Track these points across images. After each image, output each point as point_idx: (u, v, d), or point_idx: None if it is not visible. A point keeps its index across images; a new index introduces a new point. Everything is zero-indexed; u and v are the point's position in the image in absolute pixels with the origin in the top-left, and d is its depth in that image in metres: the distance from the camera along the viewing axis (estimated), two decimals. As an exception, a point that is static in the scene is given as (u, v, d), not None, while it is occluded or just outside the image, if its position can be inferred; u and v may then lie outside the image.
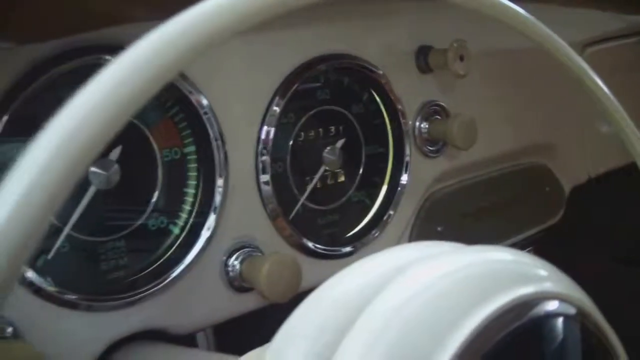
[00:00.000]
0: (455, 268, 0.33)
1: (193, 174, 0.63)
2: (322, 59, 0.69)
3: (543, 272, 0.35)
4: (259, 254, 0.65)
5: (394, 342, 0.30)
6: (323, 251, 0.70)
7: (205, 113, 0.61)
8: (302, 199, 0.70)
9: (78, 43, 0.56)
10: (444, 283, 0.32)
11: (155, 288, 0.61)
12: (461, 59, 0.75)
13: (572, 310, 0.34)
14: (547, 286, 0.34)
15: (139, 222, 0.61)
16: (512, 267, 0.34)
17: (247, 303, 0.66)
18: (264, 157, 0.66)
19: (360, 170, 0.75)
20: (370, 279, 0.34)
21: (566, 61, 0.40)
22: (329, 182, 0.73)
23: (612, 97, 0.42)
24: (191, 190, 0.63)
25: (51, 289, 0.56)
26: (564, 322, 0.33)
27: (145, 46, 0.27)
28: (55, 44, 0.56)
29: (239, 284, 0.64)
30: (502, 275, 0.33)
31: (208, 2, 0.28)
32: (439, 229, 0.82)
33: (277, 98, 0.66)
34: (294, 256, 0.63)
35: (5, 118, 0.53)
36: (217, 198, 0.63)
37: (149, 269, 0.62)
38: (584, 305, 0.35)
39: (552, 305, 0.33)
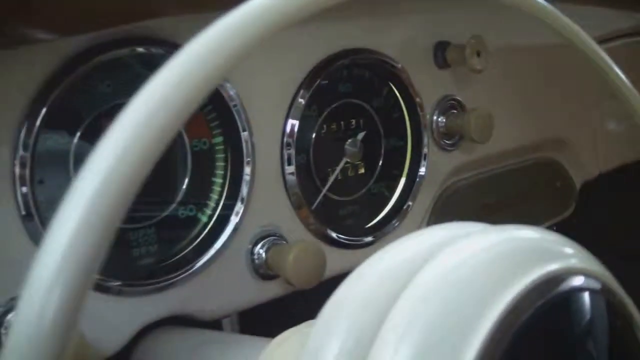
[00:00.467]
0: (488, 245, 0.35)
1: (221, 164, 0.65)
2: (345, 53, 0.71)
3: (568, 249, 0.37)
4: (284, 242, 0.67)
5: (435, 314, 0.32)
6: (345, 241, 0.72)
7: (235, 105, 0.63)
8: (324, 190, 0.72)
9: (112, 36, 0.58)
10: (478, 259, 0.34)
11: (184, 275, 0.63)
12: (478, 54, 0.77)
13: (597, 285, 0.36)
14: (573, 262, 0.36)
15: (169, 210, 0.63)
16: (539, 244, 0.36)
17: (272, 290, 0.68)
18: (289, 150, 0.68)
19: (380, 163, 0.77)
20: (409, 256, 0.36)
21: (591, 54, 0.42)
22: (350, 174, 0.75)
23: (635, 91, 0.44)
24: (219, 180, 0.65)
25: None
26: (590, 296, 0.35)
27: (208, 39, 0.29)
28: (91, 36, 0.58)
29: (264, 272, 0.66)
30: (530, 251, 0.35)
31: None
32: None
33: (301, 91, 0.68)
34: (318, 244, 0.65)
35: (44, 110, 0.55)
36: (244, 188, 0.65)
37: (178, 256, 0.64)
38: (608, 280, 0.37)
39: (578, 281, 0.35)
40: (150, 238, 0.62)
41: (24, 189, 0.54)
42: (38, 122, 0.55)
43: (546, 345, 0.34)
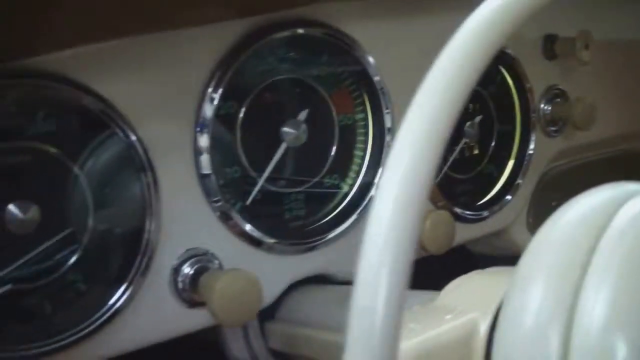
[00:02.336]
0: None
1: (361, 138, 0.71)
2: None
3: None
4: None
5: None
6: (469, 216, 0.77)
7: (381, 88, 0.69)
8: (445, 168, 0.78)
9: (277, 18, 0.65)
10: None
11: (327, 238, 0.69)
12: (586, 47, 0.83)
13: None
14: None
15: (318, 178, 0.69)
16: None
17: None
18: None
19: (492, 144, 0.83)
20: (602, 202, 0.42)
21: None
22: (466, 154, 0.81)
23: None
24: (359, 153, 0.71)
25: (247, 229, 0.64)
26: None
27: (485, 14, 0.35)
28: (260, 18, 0.64)
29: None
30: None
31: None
32: (553, 203, 0.89)
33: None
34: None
35: (223, 82, 0.61)
36: (386, 160, 0.71)
37: (322, 221, 0.70)
38: None
39: None
40: (300, 203, 0.69)
41: (204, 152, 0.61)
42: (218, 94, 0.61)
43: None
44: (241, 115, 0.64)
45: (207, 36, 0.61)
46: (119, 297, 0.58)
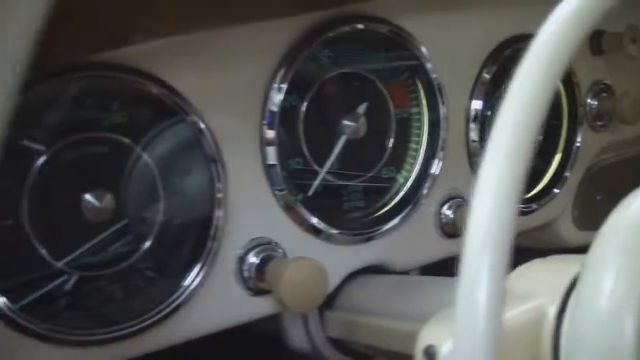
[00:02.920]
0: None
1: (416, 131, 0.73)
2: (520, 37, 0.78)
3: None
4: (466, 203, 0.74)
5: None
6: (522, 207, 0.79)
7: (438, 83, 0.71)
8: (495, 161, 0.79)
9: (337, 13, 0.66)
10: None
11: (383, 229, 0.70)
12: (633, 42, 0.83)
13: None
14: None
15: (375, 169, 0.71)
16: None
17: (456, 246, 0.75)
18: (472, 124, 0.75)
19: (540, 138, 0.84)
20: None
21: None
22: (515, 147, 0.82)
23: None
24: (414, 146, 0.73)
25: (309, 219, 0.65)
26: None
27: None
28: (322, 14, 0.66)
29: (451, 230, 0.74)
30: None
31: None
32: (598, 197, 0.90)
33: (485, 69, 0.75)
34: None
35: (289, 76, 0.63)
36: (440, 155, 0.72)
37: (379, 213, 0.71)
38: None
39: None
40: (359, 194, 0.70)
41: (270, 143, 0.63)
42: (283, 87, 0.63)
43: None
44: (303, 108, 0.66)
45: (273, 31, 0.63)
46: (187, 285, 0.60)
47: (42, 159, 0.55)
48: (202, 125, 0.59)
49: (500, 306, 0.34)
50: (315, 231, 0.66)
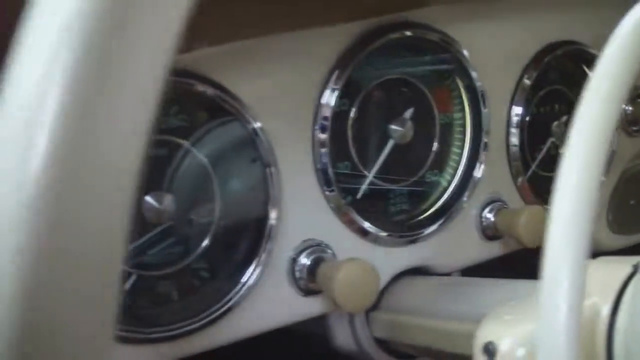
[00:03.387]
0: None
1: (458, 136, 0.74)
2: (560, 44, 0.79)
3: None
4: (507, 207, 0.76)
5: None
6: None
7: (480, 89, 0.72)
8: (534, 166, 0.80)
9: (387, 21, 0.68)
10: None
11: (427, 232, 0.72)
12: (669, 48, 0.85)
13: None
14: None
15: (420, 174, 0.72)
16: None
17: (496, 249, 0.76)
18: (513, 129, 0.76)
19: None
20: None
21: None
22: (552, 152, 0.83)
23: None
24: (457, 150, 0.74)
25: (358, 221, 0.67)
26: None
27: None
28: (371, 21, 0.67)
29: (491, 233, 0.75)
30: None
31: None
32: (631, 202, 0.92)
33: (526, 75, 0.77)
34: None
35: (342, 80, 0.64)
36: (482, 158, 0.73)
37: (423, 216, 0.73)
38: None
39: None
40: (404, 197, 0.72)
41: (323, 146, 0.64)
42: (335, 91, 0.64)
43: None
44: (353, 112, 0.67)
45: (328, 37, 0.64)
46: (241, 285, 0.61)
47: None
48: (257, 127, 0.61)
49: (580, 303, 0.35)
50: (363, 233, 0.68)
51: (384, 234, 0.68)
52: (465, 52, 0.72)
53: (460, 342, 0.58)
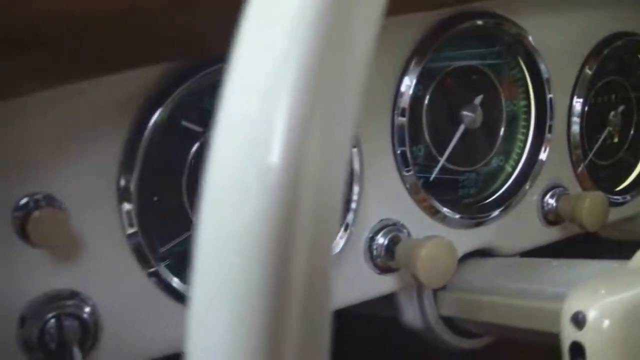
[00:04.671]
0: None
1: (523, 123, 0.77)
2: (621, 34, 0.82)
3: None
4: (567, 193, 0.78)
5: None
6: (610, 200, 0.82)
7: (547, 77, 0.75)
8: (591, 155, 0.83)
9: (459, 11, 0.70)
10: None
11: (494, 215, 0.74)
12: None
13: None
14: None
15: (487, 158, 0.75)
16: None
17: (556, 233, 0.79)
18: (575, 118, 0.79)
19: (631, 133, 0.87)
20: None
21: None
22: (608, 141, 0.85)
23: None
24: (521, 137, 0.77)
25: (431, 201, 0.70)
26: None
27: None
28: (445, 11, 0.70)
29: (552, 218, 0.78)
30: None
31: None
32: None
33: (587, 65, 0.79)
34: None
35: (419, 69, 0.67)
36: (545, 144, 0.76)
37: (490, 199, 0.75)
38: None
39: None
40: (472, 181, 0.74)
41: (401, 129, 0.67)
42: (414, 78, 0.67)
43: None
44: (427, 99, 0.70)
45: (406, 25, 0.67)
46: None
47: (199, 140, 0.59)
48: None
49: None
50: (436, 214, 0.70)
51: (456, 215, 0.71)
52: (533, 43, 0.74)
53: (536, 317, 0.61)
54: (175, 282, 0.58)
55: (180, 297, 0.58)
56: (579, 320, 0.52)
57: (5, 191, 0.52)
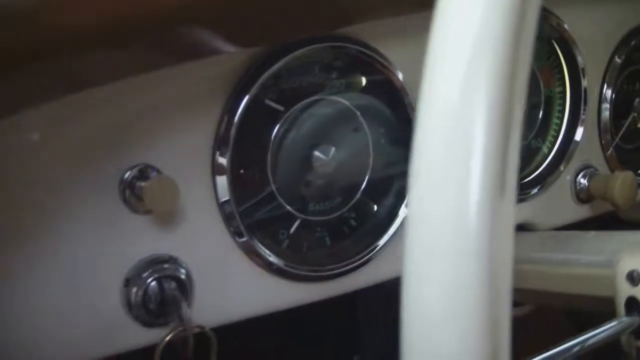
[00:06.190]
0: None
1: (558, 108, 0.83)
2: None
3: None
4: (598, 173, 0.85)
5: None
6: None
7: (582, 65, 0.81)
8: (617, 138, 0.89)
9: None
10: None
11: (533, 192, 0.81)
12: None
13: None
14: None
15: (527, 140, 0.81)
16: None
17: (589, 210, 0.85)
18: (605, 104, 0.85)
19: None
20: None
21: None
22: (632, 127, 0.92)
23: None
24: (556, 121, 0.83)
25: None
26: None
27: None
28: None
29: (584, 197, 0.84)
30: None
31: None
32: None
33: (617, 54, 0.86)
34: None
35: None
36: (579, 127, 0.82)
37: (529, 178, 0.82)
38: None
39: None
40: (515, 160, 0.80)
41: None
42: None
43: None
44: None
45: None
46: (388, 233, 0.70)
47: (281, 118, 0.64)
48: (405, 100, 0.69)
49: None
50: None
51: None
52: (571, 32, 0.80)
53: (587, 283, 0.67)
54: (261, 249, 0.63)
55: (267, 264, 0.64)
56: (634, 278, 0.59)
57: (113, 164, 0.57)
